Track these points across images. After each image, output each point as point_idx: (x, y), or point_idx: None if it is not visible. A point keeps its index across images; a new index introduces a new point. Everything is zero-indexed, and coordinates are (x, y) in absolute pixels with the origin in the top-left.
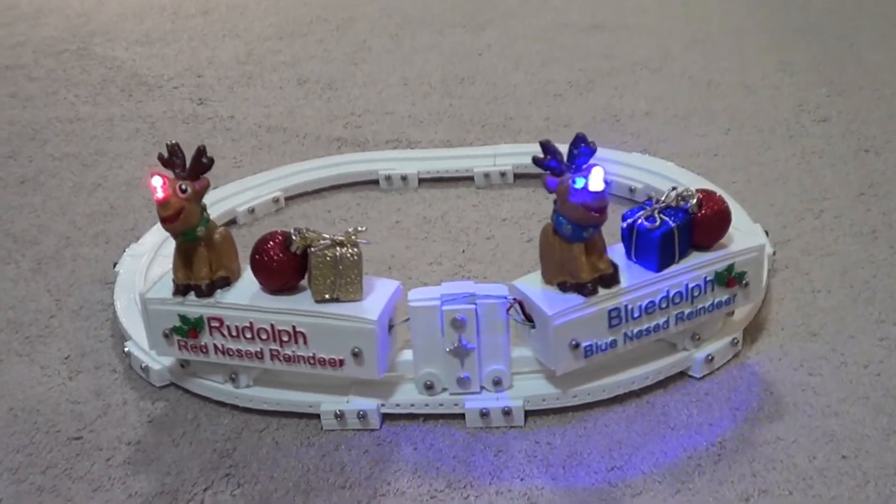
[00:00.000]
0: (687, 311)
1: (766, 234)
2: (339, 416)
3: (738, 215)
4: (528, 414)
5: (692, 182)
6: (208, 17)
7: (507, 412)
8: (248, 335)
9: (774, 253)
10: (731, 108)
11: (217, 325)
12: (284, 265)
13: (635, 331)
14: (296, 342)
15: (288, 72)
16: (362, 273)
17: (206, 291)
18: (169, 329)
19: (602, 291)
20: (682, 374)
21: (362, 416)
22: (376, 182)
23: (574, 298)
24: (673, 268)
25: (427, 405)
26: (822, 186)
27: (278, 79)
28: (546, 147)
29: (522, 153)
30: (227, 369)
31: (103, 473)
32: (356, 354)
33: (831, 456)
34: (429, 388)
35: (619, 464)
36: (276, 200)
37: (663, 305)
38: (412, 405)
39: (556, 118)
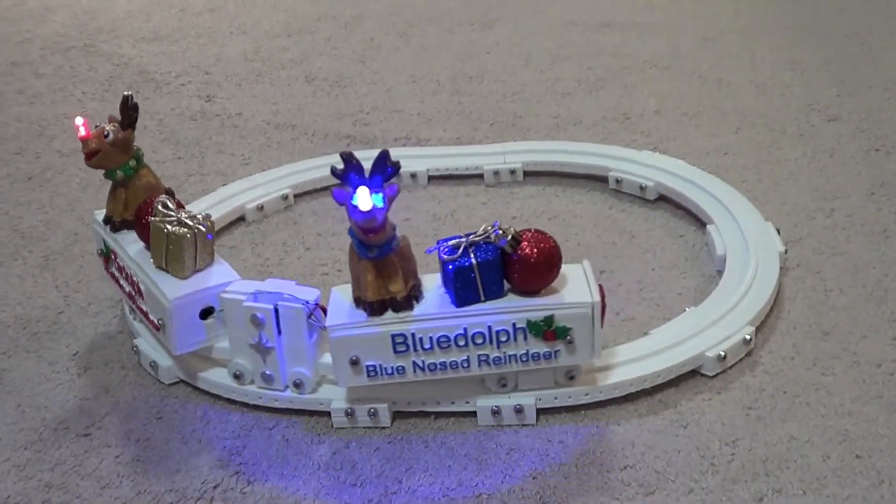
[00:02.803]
0: (492, 355)
1: (778, 232)
2: (350, 413)
3: (750, 214)
4: (541, 412)
5: (703, 180)
6: (216, 14)
7: (518, 410)
8: (124, 275)
9: (786, 252)
10: (742, 106)
11: (114, 257)
12: (147, 225)
13: (427, 362)
14: (139, 296)
15: (296, 69)
16: (190, 255)
17: (114, 227)
18: (99, 249)
19: (390, 315)
20: (695, 373)
21: (373, 413)
22: None
23: (359, 315)
24: (478, 306)
25: (438, 403)
26: (833, 185)
27: (286, 76)
28: (346, 159)
29: (532, 151)
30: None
31: (112, 470)
32: (161, 325)
33: (845, 455)
34: (237, 377)
35: (631, 462)
36: (285, 197)
37: (461, 343)
38: (423, 403)
39: (565, 116)
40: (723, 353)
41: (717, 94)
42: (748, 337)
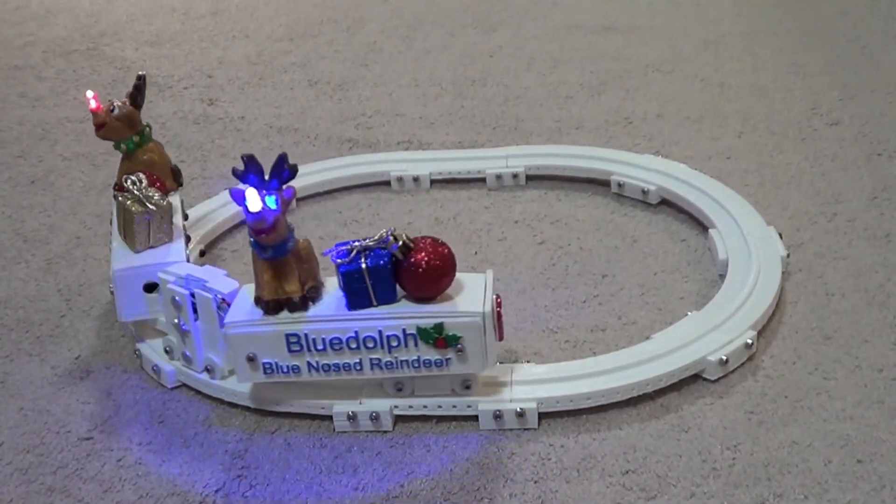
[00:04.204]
0: (384, 359)
1: (780, 236)
2: (352, 417)
3: (752, 218)
4: (542, 416)
5: (705, 184)
6: (218, 18)
7: (520, 414)
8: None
9: (788, 256)
10: (744, 110)
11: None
12: None
13: (321, 363)
14: None
15: (298, 73)
16: (142, 231)
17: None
18: (111, 217)
19: (285, 315)
20: (696, 377)
21: (375, 417)
22: (388, 183)
23: (256, 313)
24: (370, 310)
25: (440, 407)
26: (835, 190)
27: (289, 79)
28: (247, 161)
29: (534, 155)
30: None
31: (114, 474)
32: (112, 293)
33: (846, 460)
34: (167, 352)
35: (633, 467)
36: None
37: (352, 346)
38: (425, 407)
39: (567, 120)
40: (724, 358)
41: (719, 98)
42: (750, 341)
